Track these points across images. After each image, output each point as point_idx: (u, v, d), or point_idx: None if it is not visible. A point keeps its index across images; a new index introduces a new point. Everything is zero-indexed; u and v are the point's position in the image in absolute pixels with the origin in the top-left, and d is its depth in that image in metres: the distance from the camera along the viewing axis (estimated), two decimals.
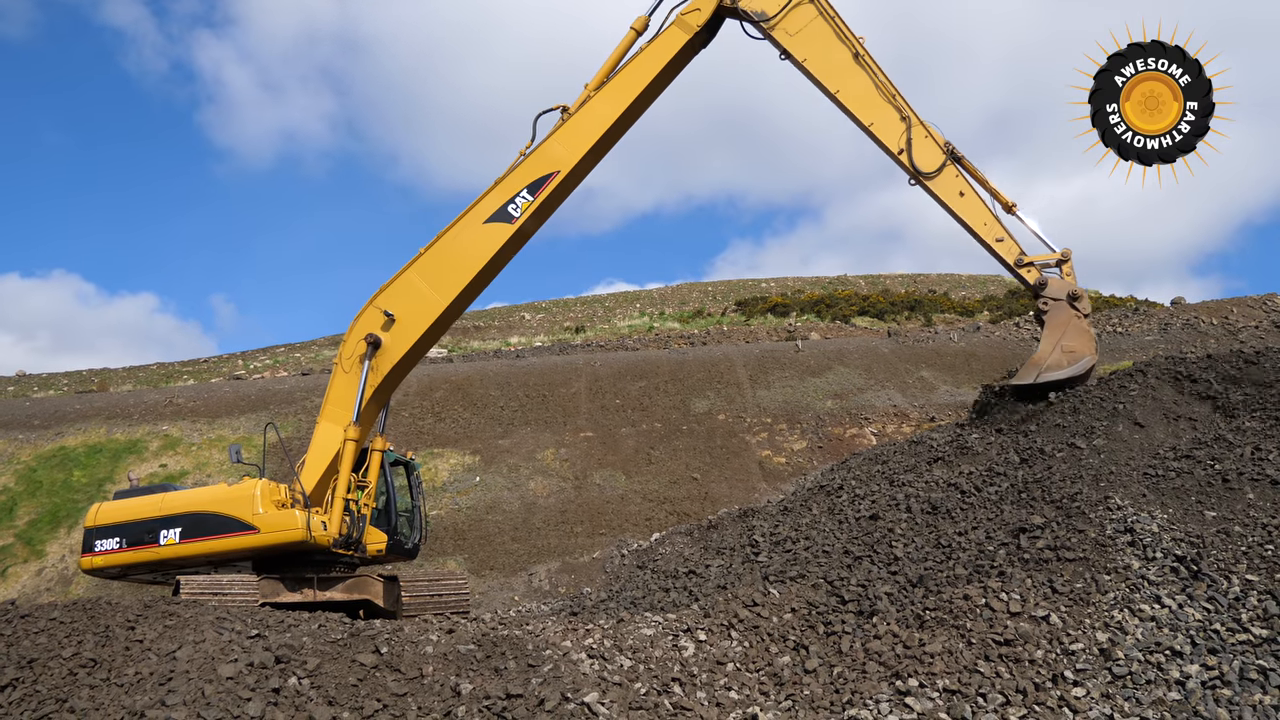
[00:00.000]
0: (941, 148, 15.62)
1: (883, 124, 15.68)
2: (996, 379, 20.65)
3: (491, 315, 64.05)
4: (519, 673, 8.66)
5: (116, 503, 14.21)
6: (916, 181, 15.69)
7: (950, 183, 15.69)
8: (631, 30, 15.50)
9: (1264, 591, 9.04)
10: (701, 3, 15.32)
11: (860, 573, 11.40)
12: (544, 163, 14.41)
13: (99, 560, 13.71)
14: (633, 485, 25.52)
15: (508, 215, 14.17)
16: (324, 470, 13.82)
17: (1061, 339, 15.53)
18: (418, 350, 14.38)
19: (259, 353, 58.44)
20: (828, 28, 15.54)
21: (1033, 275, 15.79)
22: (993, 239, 15.88)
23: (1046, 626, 9.12)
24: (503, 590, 21.32)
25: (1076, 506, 11.16)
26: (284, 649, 8.81)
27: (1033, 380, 15.45)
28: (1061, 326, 15.62)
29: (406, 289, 14.16)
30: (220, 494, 13.75)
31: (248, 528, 13.16)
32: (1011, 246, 15.90)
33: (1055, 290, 15.67)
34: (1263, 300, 34.34)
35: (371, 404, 14.18)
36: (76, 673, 8.67)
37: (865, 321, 50.75)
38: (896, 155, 15.72)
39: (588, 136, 14.64)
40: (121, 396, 35.66)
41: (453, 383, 31.95)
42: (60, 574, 24.21)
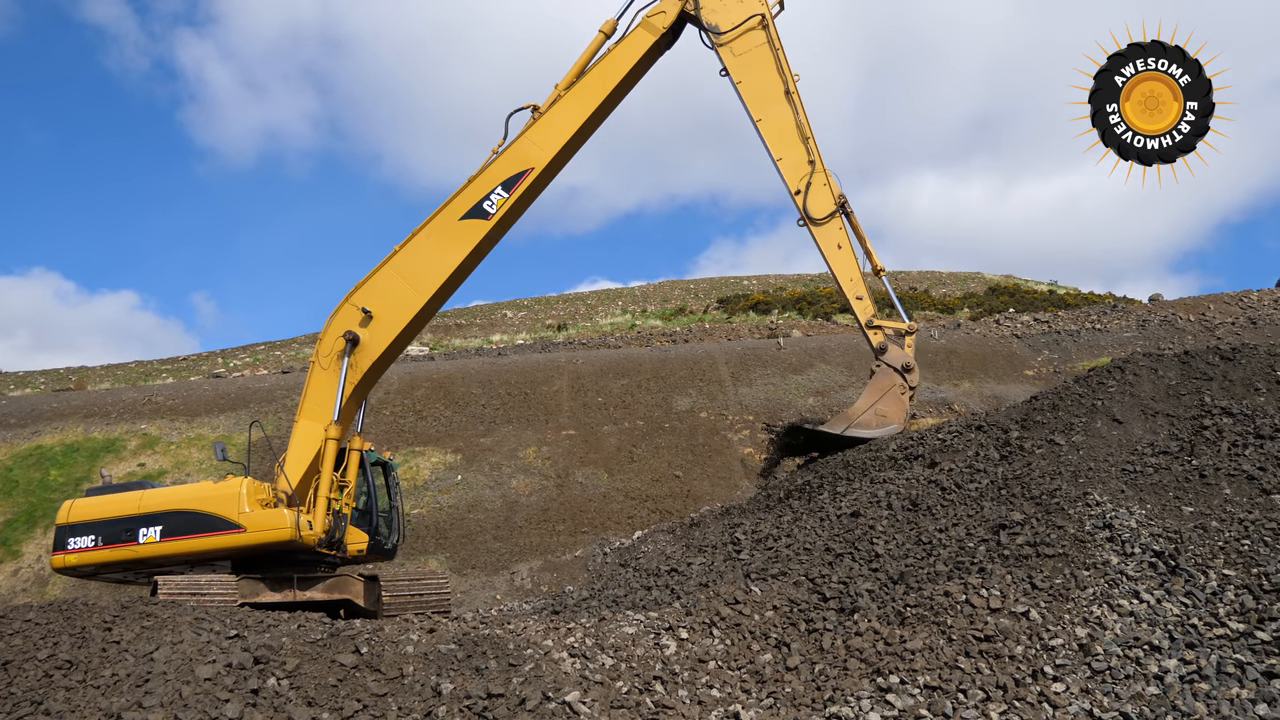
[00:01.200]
0: (835, 198, 16.38)
1: (790, 162, 16.40)
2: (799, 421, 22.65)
3: (473, 313, 63.86)
4: (500, 672, 8.63)
5: (91, 499, 13.90)
6: (804, 223, 16.48)
7: (832, 234, 16.54)
8: (600, 33, 16.00)
9: (1240, 586, 9.11)
10: (667, 6, 15.92)
11: (841, 570, 11.42)
12: (517, 160, 14.70)
13: (72, 558, 13.43)
14: (615, 483, 25.49)
15: (483, 212, 14.38)
16: (305, 469, 13.76)
17: (878, 402, 16.54)
18: (397, 346, 14.44)
19: (239, 350, 58.07)
20: (770, 57, 16.14)
21: (878, 338, 16.97)
22: (853, 295, 16.99)
23: (1026, 622, 9.16)
24: (484, 589, 21.26)
25: (1056, 503, 11.22)
26: (263, 649, 8.74)
27: (840, 431, 16.65)
28: (882, 390, 16.72)
29: (384, 285, 14.21)
30: (205, 492, 13.58)
31: (234, 526, 13.02)
32: (867, 306, 16.99)
33: (892, 358, 16.72)
34: (1239, 297, 34.64)
35: (350, 401, 14.16)
36: (52, 674, 8.58)
37: (847, 319, 50.85)
38: (793, 194, 16.42)
39: (560, 135, 14.99)
40: (99, 395, 35.35)
41: (434, 381, 31.84)
42: (36, 575, 23.98)
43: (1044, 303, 53.94)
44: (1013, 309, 48.04)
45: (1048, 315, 37.60)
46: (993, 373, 30.94)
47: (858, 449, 16.29)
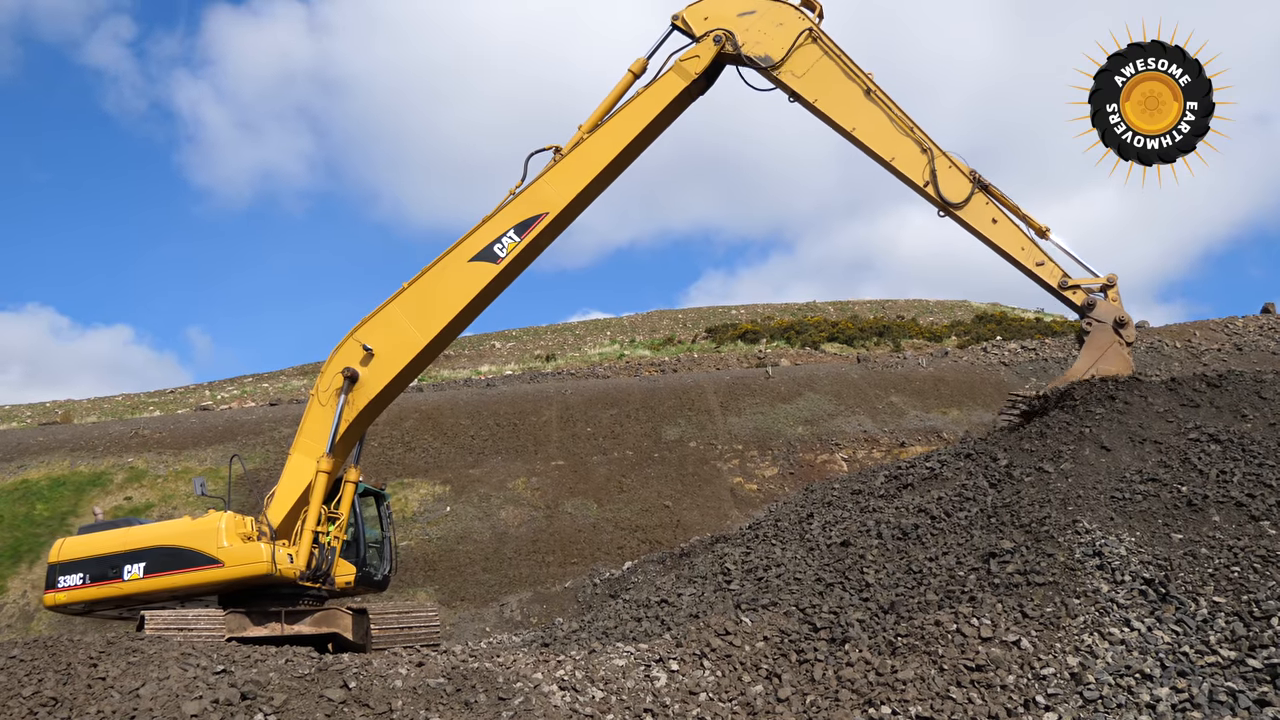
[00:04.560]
0: (967, 176, 15.15)
1: (904, 158, 15.26)
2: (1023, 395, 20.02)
3: (461, 344, 63.78)
4: (489, 706, 8.56)
5: (80, 538, 13.92)
6: (946, 213, 15.18)
7: (981, 210, 15.18)
8: (629, 73, 15.08)
9: (1231, 613, 9.12)
10: (702, 50, 14.90)
11: (832, 600, 11.39)
12: (533, 204, 14.12)
13: (62, 597, 13.41)
14: (604, 514, 25.43)
15: (493, 255, 13.90)
16: (294, 502, 13.66)
17: (1098, 361, 15.35)
18: (395, 386, 14.12)
19: (226, 383, 57.87)
20: (835, 66, 15.17)
21: (1079, 297, 15.39)
22: (1033, 263, 15.39)
23: (1017, 651, 9.15)
24: (474, 621, 21.12)
25: (1045, 530, 11.23)
26: (250, 685, 8.67)
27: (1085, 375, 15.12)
28: (1100, 349, 15.37)
29: (387, 323, 13.92)
30: (184, 528, 13.53)
31: (212, 561, 12.97)
32: (1054, 270, 15.40)
33: (1102, 313, 15.38)
34: (1224, 324, 34.92)
35: (347, 438, 14.04)
36: (37, 711, 8.48)
37: (835, 348, 51.02)
38: (923, 188, 15.20)
39: (579, 179, 14.31)
40: (86, 428, 35.16)
41: (422, 412, 31.77)
42: (22, 610, 23.73)
43: (1031, 330, 54.20)
44: (1000, 336, 48.29)
45: (1034, 343, 37.80)
46: (981, 400, 31.05)
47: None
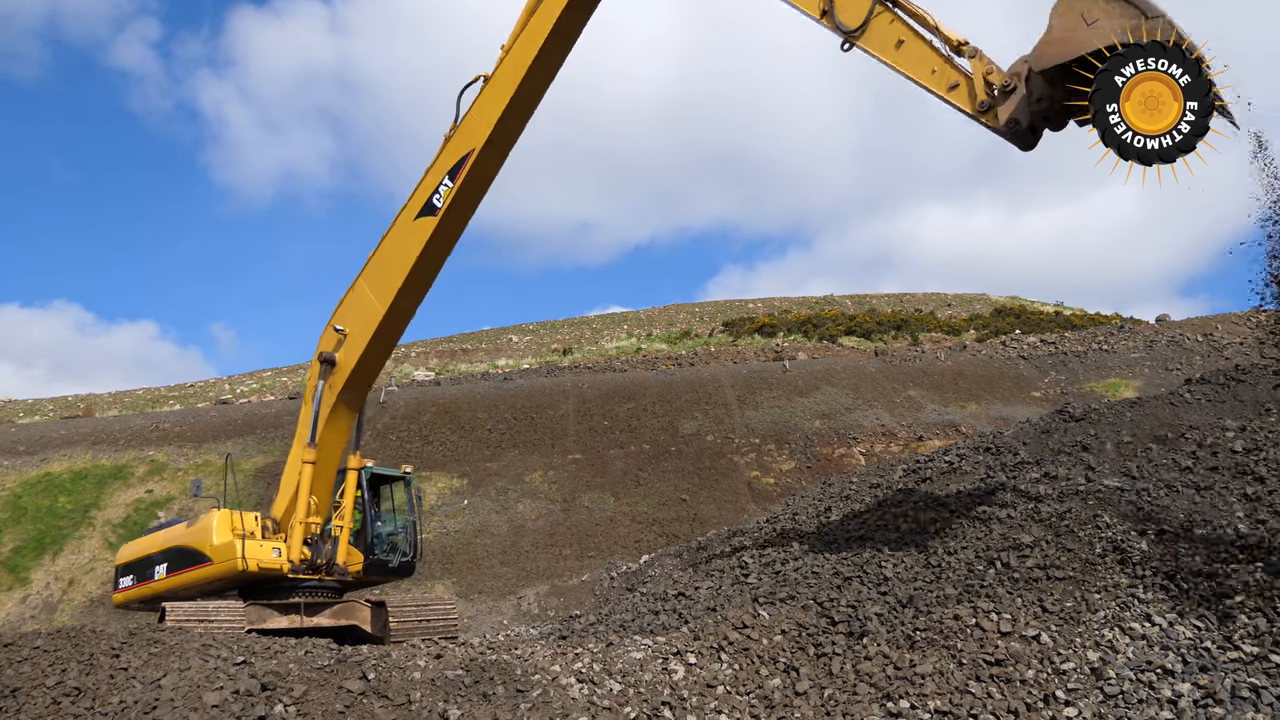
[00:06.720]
0: None
1: None
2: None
3: (479, 338, 63.96)
4: (507, 698, 8.58)
5: (134, 541, 15.31)
6: (848, 44, 12.95)
7: (884, 32, 12.77)
8: None
9: (1254, 609, 9.04)
10: None
11: (850, 593, 11.36)
12: (463, 142, 13.66)
13: (120, 597, 14.75)
14: (621, 507, 25.44)
15: (432, 207, 13.65)
16: (293, 496, 13.79)
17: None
18: (368, 362, 13.96)
19: (245, 377, 58.23)
20: None
21: (1004, 114, 12.28)
22: (945, 88, 12.72)
23: (1037, 646, 9.09)
24: (491, 614, 21.18)
25: (1066, 525, 11.16)
26: (270, 676, 8.72)
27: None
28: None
29: (355, 301, 13.95)
30: (190, 528, 14.13)
31: (205, 559, 13.51)
32: (968, 91, 12.56)
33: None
34: (1247, 316, 34.54)
35: (340, 421, 13.98)
36: (60, 701, 8.56)
37: (852, 341, 50.89)
38: (819, 19, 12.99)
39: (501, 99, 13.46)
40: (107, 422, 35.44)
41: (440, 406, 31.86)
42: (45, 601, 23.97)
43: (1050, 324, 53.90)
44: (1019, 330, 48.02)
45: (1054, 336, 37.58)
46: (999, 394, 30.89)
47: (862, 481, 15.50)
